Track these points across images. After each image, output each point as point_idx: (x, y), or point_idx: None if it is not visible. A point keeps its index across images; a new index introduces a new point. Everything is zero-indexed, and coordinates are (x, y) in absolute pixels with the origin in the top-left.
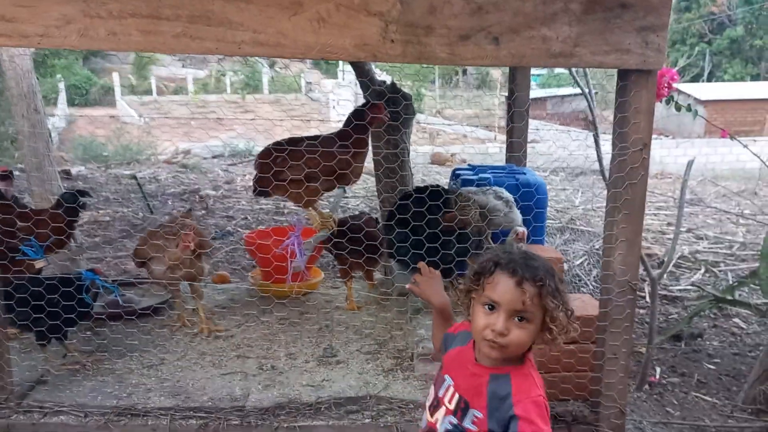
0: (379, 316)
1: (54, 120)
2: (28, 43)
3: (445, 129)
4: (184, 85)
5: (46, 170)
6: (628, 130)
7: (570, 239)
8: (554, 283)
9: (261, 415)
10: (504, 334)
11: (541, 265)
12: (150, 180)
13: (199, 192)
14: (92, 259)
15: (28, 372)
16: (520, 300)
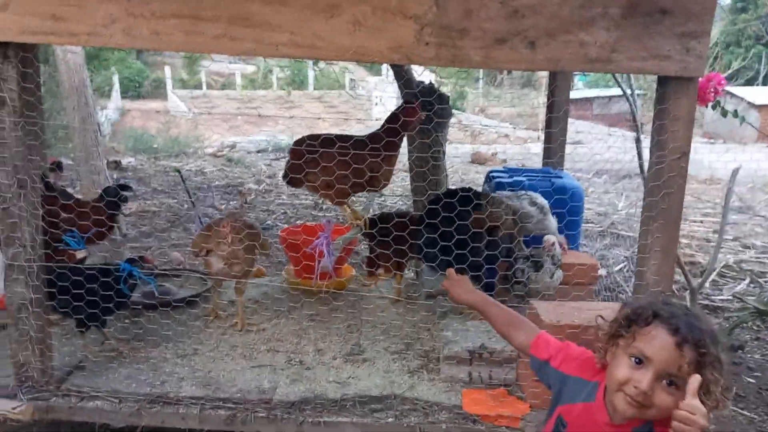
0: (407, 316)
1: (107, 112)
2: (76, 42)
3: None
4: (232, 80)
5: (94, 162)
6: (667, 138)
7: (610, 244)
8: (717, 352)
9: (287, 409)
10: (648, 395)
11: (706, 328)
12: (196, 173)
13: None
14: (137, 248)
15: (67, 357)
16: (677, 364)
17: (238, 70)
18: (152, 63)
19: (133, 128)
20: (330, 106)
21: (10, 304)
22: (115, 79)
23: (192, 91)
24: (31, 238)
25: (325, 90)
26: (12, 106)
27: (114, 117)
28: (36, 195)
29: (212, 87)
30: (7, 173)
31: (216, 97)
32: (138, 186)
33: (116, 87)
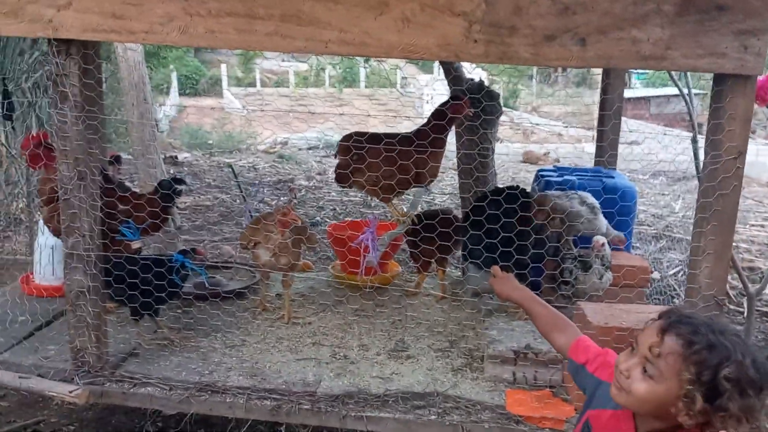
0: (452, 314)
1: (165, 109)
2: (134, 39)
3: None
4: (286, 78)
5: (151, 157)
6: (722, 138)
7: (666, 247)
8: (715, 359)
9: (331, 402)
10: (625, 376)
11: (711, 335)
12: (248, 169)
13: (292, 182)
14: (190, 241)
15: (122, 344)
16: (649, 345)
17: (292, 68)
18: (209, 61)
19: (190, 125)
20: (380, 104)
21: (68, 292)
22: (174, 76)
23: (246, 88)
24: (90, 228)
25: (376, 88)
26: (74, 101)
27: (172, 114)
28: (95, 187)
29: (266, 84)
30: (69, 165)
31: (269, 94)
32: (193, 181)
33: (174, 84)
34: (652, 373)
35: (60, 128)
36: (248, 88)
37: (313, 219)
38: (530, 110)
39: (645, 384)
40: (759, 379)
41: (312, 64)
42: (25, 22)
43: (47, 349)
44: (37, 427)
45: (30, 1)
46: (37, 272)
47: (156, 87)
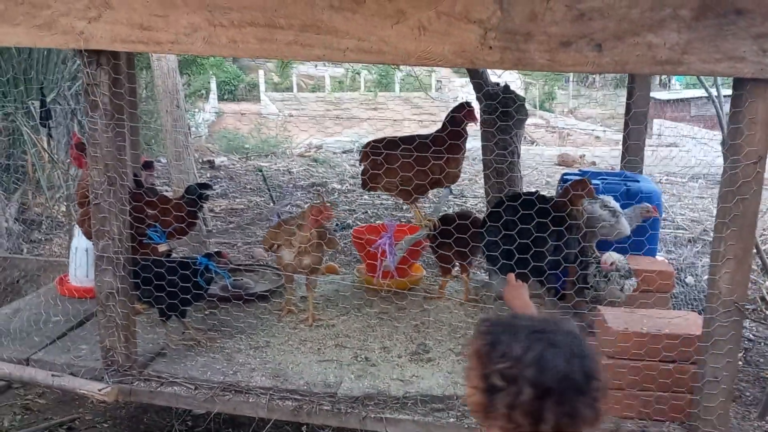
0: (474, 318)
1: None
2: (160, 50)
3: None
4: (322, 82)
5: (185, 161)
6: (742, 142)
7: (702, 252)
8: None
9: (351, 404)
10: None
11: (503, 332)
12: (283, 172)
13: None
14: (222, 244)
15: (150, 345)
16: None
17: (327, 73)
18: (247, 67)
19: (227, 129)
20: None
21: (98, 293)
22: (213, 82)
23: (283, 93)
24: (119, 232)
25: (411, 92)
26: (104, 109)
27: (211, 119)
28: (124, 192)
29: (303, 89)
30: (99, 171)
31: (306, 99)
32: (228, 184)
33: (214, 90)
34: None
35: (91, 135)
36: (285, 93)
37: (344, 222)
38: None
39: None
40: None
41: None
42: (58, 34)
43: (79, 349)
44: (72, 424)
45: (62, 13)
46: (72, 274)
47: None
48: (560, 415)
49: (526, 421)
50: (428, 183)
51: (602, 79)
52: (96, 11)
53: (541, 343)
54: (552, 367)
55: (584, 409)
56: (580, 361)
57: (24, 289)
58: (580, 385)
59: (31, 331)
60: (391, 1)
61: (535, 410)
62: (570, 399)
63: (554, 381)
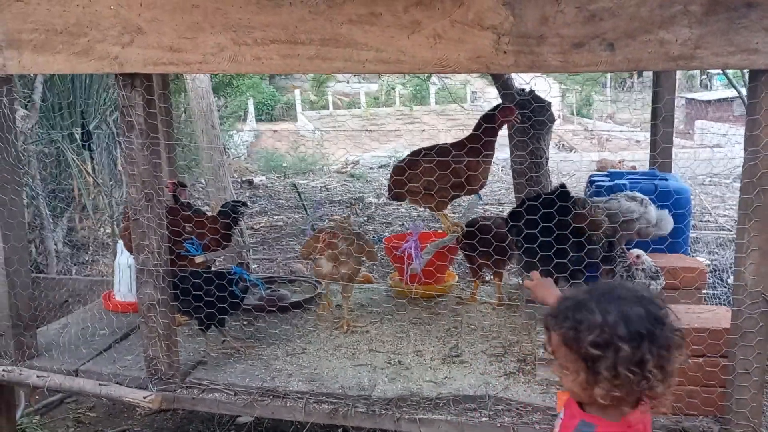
0: (507, 321)
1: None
2: (189, 70)
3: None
4: (357, 99)
5: (221, 179)
6: (760, 133)
7: None
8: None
9: (385, 405)
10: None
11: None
12: (320, 189)
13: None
14: (263, 260)
15: (191, 354)
16: (544, 345)
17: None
18: (283, 87)
19: (266, 149)
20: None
21: (140, 304)
22: (250, 104)
23: (319, 111)
24: (158, 246)
25: (446, 104)
26: (139, 129)
27: (249, 139)
28: (161, 207)
29: (338, 106)
30: (137, 188)
31: (341, 116)
32: (267, 202)
33: (251, 111)
34: (562, 364)
35: (128, 154)
36: (321, 111)
37: (381, 235)
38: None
39: (565, 378)
40: (630, 334)
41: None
42: (95, 60)
43: (124, 360)
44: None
45: (98, 40)
46: (117, 289)
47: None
48: (658, 350)
49: (631, 372)
50: (450, 187)
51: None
52: (129, 37)
53: (613, 302)
54: (634, 314)
55: (670, 335)
56: (645, 298)
57: (73, 308)
58: (658, 317)
59: (79, 344)
60: (406, 13)
61: (638, 358)
62: (659, 333)
63: (641, 325)
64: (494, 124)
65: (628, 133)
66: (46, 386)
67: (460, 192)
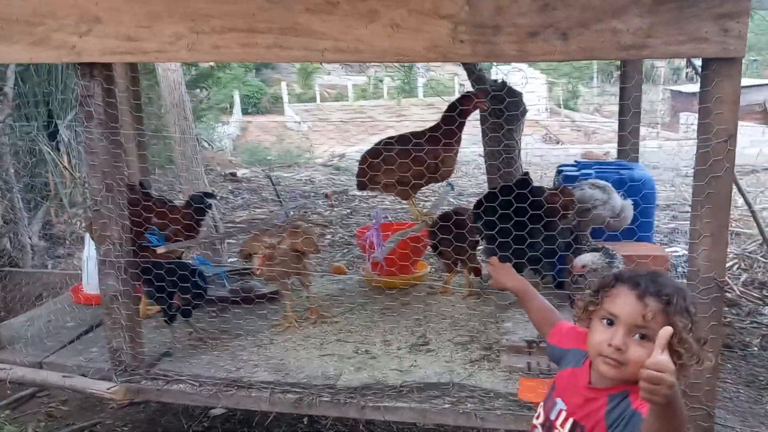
0: (477, 309)
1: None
2: (146, 59)
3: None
4: (345, 91)
5: (194, 171)
6: (711, 121)
7: None
8: (684, 303)
9: (350, 394)
10: (621, 350)
11: (669, 283)
12: (305, 182)
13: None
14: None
15: (157, 346)
16: (641, 314)
17: (351, 82)
18: (269, 80)
19: (250, 142)
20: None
21: (103, 296)
22: (236, 96)
23: (306, 104)
24: (119, 237)
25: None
26: (98, 119)
27: (235, 132)
28: (122, 197)
29: (325, 99)
30: (97, 178)
31: (328, 109)
32: (250, 196)
33: (237, 104)
34: (650, 336)
35: (88, 144)
36: (308, 104)
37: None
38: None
39: (643, 349)
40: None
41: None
42: (53, 49)
43: (90, 352)
44: (93, 429)
45: (55, 29)
46: (85, 282)
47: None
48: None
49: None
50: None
51: None
52: (86, 26)
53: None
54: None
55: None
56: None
57: (46, 301)
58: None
59: (44, 337)
60: (363, 1)
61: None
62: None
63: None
64: (454, 113)
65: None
66: (9, 379)
67: (421, 181)
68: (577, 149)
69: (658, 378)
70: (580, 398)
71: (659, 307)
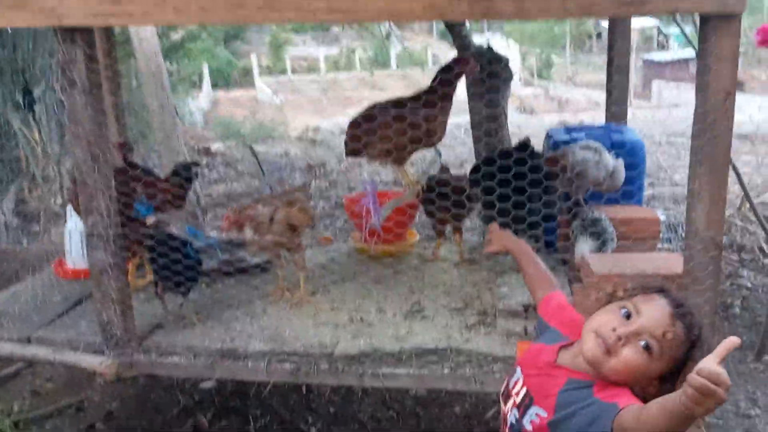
0: (469, 276)
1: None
2: (131, 21)
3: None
4: (316, 64)
5: (174, 143)
6: (709, 79)
7: None
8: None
9: (348, 362)
10: (621, 341)
11: (700, 326)
12: (281, 156)
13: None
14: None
15: (148, 319)
16: (664, 328)
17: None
18: (239, 52)
19: (223, 116)
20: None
21: (92, 269)
22: (205, 69)
23: (278, 76)
24: (107, 207)
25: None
26: (81, 86)
27: (205, 107)
28: (108, 167)
29: (297, 71)
30: (82, 148)
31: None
32: (225, 170)
33: (206, 78)
34: (655, 351)
35: (71, 113)
36: (280, 76)
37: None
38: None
39: (640, 357)
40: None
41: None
42: (32, 13)
43: (79, 326)
44: (81, 405)
45: None
46: (69, 257)
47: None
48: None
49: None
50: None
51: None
52: None
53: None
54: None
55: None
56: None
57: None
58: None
59: (30, 312)
60: None
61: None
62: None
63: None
64: (450, 75)
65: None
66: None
67: (417, 145)
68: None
69: (713, 391)
70: (540, 372)
71: (682, 337)
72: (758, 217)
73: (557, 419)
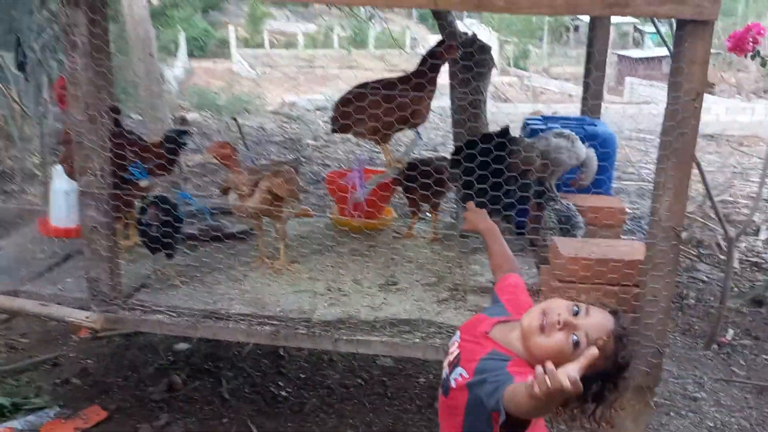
0: (442, 253)
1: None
2: None
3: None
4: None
5: (159, 109)
6: (682, 80)
7: None
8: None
9: (324, 327)
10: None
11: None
12: (257, 129)
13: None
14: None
15: (134, 278)
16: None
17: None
18: (217, 23)
19: (198, 86)
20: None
21: (84, 227)
22: (182, 38)
23: (255, 50)
24: (101, 168)
25: (386, 49)
26: (83, 48)
27: (180, 75)
28: (105, 129)
29: (275, 46)
30: (80, 109)
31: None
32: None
33: (182, 46)
34: (579, 346)
35: (72, 75)
36: (257, 50)
37: (319, 176)
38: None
39: (566, 346)
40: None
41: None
42: None
43: (65, 282)
44: (57, 361)
45: None
46: (54, 216)
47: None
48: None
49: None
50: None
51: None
52: None
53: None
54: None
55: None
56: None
57: (2, 236)
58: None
59: (16, 267)
60: None
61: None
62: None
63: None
64: (438, 60)
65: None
66: None
67: (403, 125)
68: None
69: (562, 389)
70: (473, 339)
71: (610, 354)
72: (718, 215)
73: (474, 382)
